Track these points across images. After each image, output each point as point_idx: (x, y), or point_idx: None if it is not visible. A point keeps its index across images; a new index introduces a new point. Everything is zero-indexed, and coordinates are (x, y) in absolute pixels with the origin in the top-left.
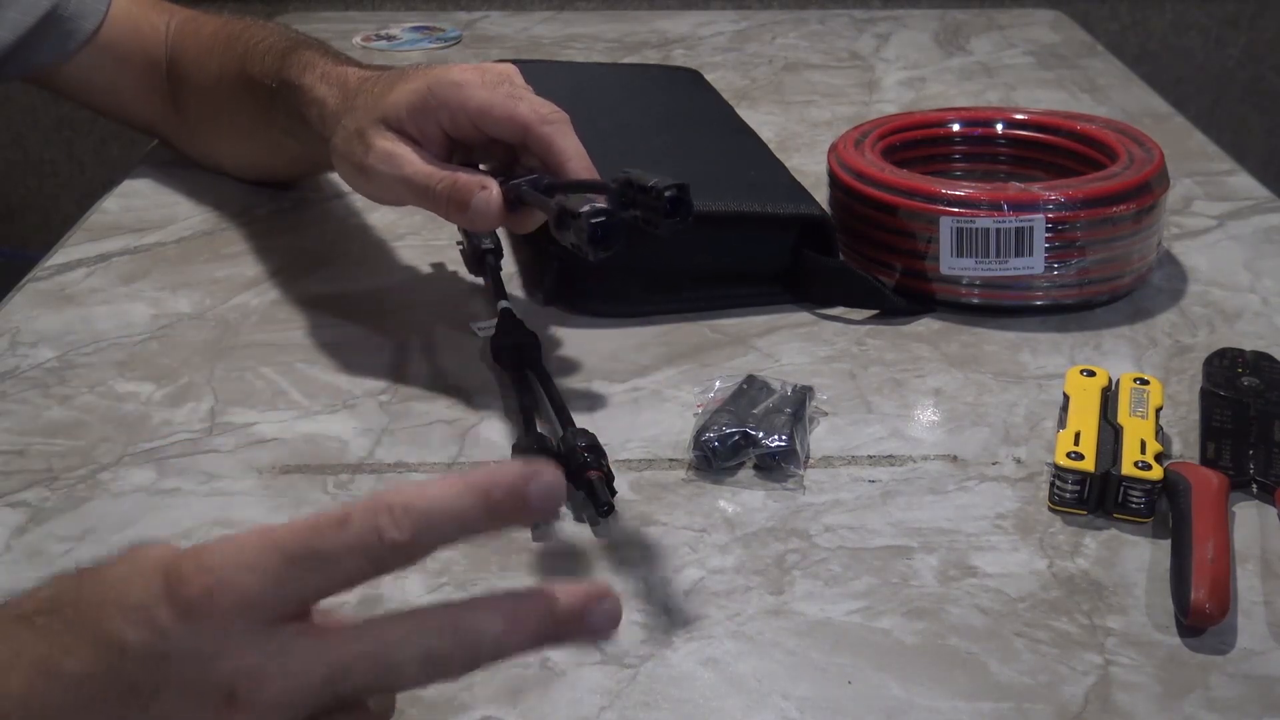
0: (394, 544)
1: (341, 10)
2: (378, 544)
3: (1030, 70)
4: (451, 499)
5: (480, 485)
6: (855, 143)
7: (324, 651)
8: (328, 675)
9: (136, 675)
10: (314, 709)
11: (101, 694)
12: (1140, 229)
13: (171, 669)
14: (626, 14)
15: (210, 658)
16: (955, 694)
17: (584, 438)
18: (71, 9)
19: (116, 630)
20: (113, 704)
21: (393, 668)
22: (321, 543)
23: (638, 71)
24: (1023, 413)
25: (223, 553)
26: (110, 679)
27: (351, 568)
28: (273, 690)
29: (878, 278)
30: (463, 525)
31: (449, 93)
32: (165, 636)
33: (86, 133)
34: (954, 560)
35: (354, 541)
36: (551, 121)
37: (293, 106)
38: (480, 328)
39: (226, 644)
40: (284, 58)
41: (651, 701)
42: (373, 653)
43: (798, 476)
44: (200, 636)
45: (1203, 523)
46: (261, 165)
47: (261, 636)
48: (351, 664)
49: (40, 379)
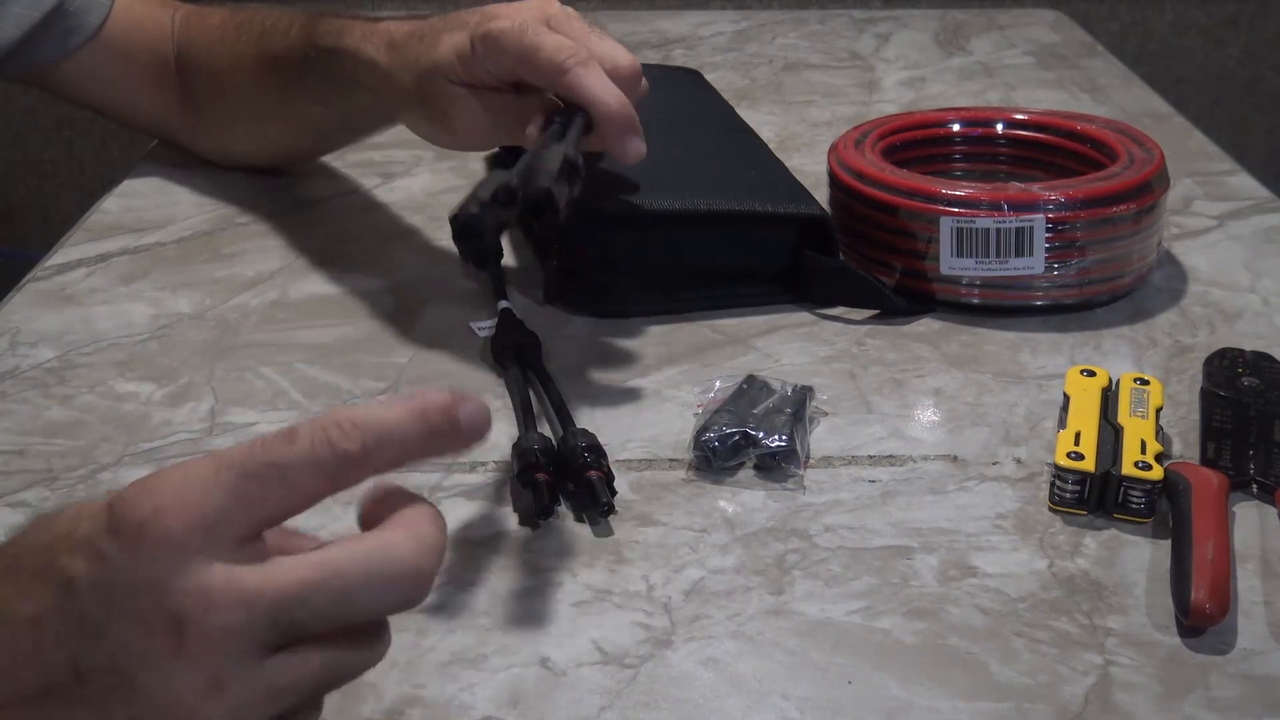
0: (346, 455)
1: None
2: (330, 455)
3: (1030, 70)
4: (394, 418)
5: (418, 408)
6: (855, 143)
7: (274, 575)
8: (279, 600)
9: (86, 608)
10: (269, 641)
11: (54, 633)
12: (1140, 229)
13: (120, 599)
14: (626, 14)
15: (157, 584)
16: (955, 694)
17: (584, 438)
18: (76, 4)
19: (64, 565)
20: (66, 641)
21: (348, 594)
22: (274, 456)
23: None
24: (1023, 413)
25: (169, 477)
26: (61, 616)
27: (306, 482)
28: (223, 616)
29: (878, 278)
30: (405, 446)
31: (486, 46)
32: (111, 565)
33: (86, 133)
34: (954, 560)
35: (305, 453)
36: (567, 69)
37: (335, 72)
38: (480, 328)
39: (174, 569)
40: (310, 28)
41: (651, 701)
42: (322, 579)
43: (798, 476)
44: (146, 562)
45: (1203, 523)
46: (287, 145)
47: (210, 559)
48: (304, 591)
49: (40, 379)
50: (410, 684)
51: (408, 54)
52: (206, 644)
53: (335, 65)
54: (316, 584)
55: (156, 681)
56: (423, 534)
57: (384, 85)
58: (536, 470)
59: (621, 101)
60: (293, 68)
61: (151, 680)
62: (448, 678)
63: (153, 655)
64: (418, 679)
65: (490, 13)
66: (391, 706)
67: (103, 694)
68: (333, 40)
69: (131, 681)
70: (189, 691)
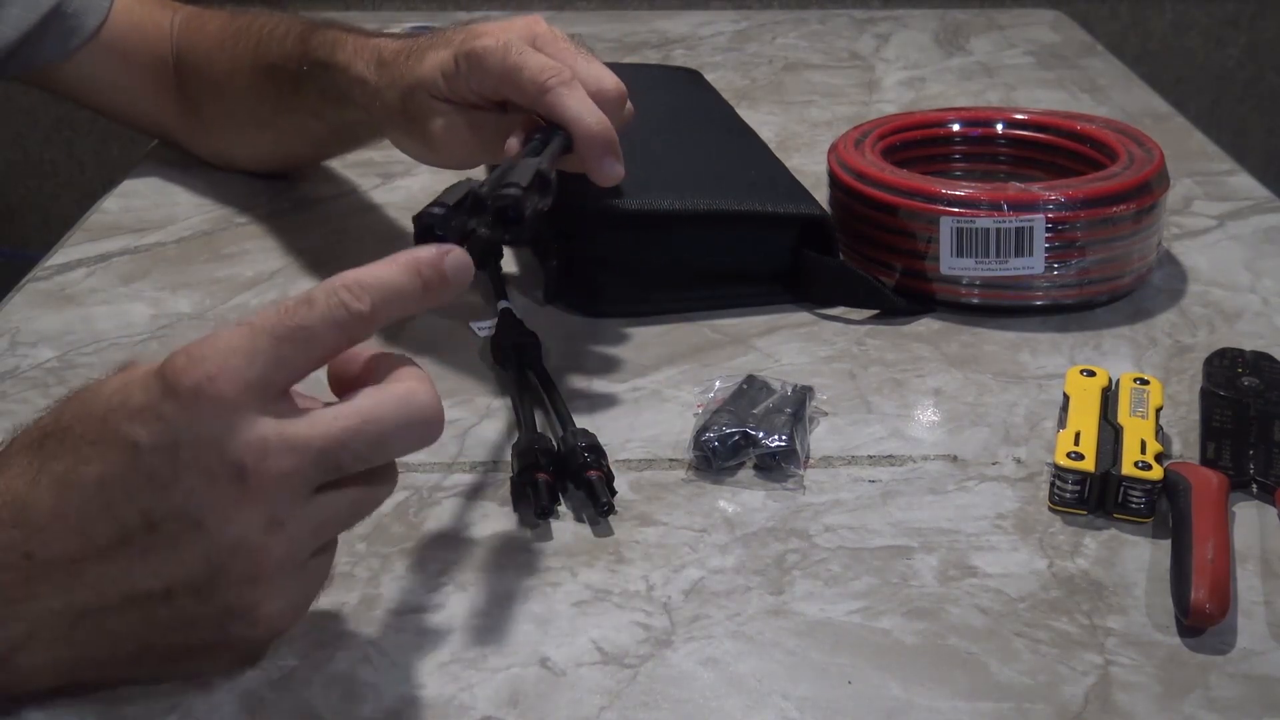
0: (359, 315)
1: (342, 10)
2: (345, 316)
3: (1030, 70)
4: (394, 275)
5: (411, 263)
6: (855, 143)
7: (318, 424)
8: (325, 447)
9: (153, 466)
10: (316, 481)
11: (124, 491)
12: (1140, 229)
13: (184, 455)
14: (626, 14)
15: (217, 440)
16: (955, 694)
17: (584, 438)
18: (74, 6)
19: (127, 432)
20: (136, 497)
21: (384, 436)
22: (300, 320)
23: (638, 71)
24: (1023, 413)
25: (213, 344)
26: (129, 475)
27: (328, 340)
28: (278, 462)
29: (878, 278)
30: (405, 300)
31: (470, 63)
32: (173, 427)
33: (86, 133)
34: (954, 560)
35: (326, 315)
36: (549, 89)
37: (326, 86)
38: (480, 327)
39: (230, 425)
40: (305, 40)
41: (651, 701)
42: (361, 425)
43: (798, 476)
44: (205, 422)
45: (1203, 523)
46: (283, 152)
47: (261, 415)
48: (345, 437)
49: (40, 379)
50: (410, 684)
51: (395, 71)
52: (265, 488)
53: (328, 79)
54: (357, 430)
55: (223, 524)
56: (429, 383)
57: (372, 102)
58: (536, 470)
59: (602, 123)
60: (288, 78)
61: (218, 523)
62: (448, 678)
63: (218, 502)
64: (418, 679)
65: (475, 31)
66: (391, 706)
67: (174, 539)
68: (326, 54)
69: (200, 525)
70: (253, 529)
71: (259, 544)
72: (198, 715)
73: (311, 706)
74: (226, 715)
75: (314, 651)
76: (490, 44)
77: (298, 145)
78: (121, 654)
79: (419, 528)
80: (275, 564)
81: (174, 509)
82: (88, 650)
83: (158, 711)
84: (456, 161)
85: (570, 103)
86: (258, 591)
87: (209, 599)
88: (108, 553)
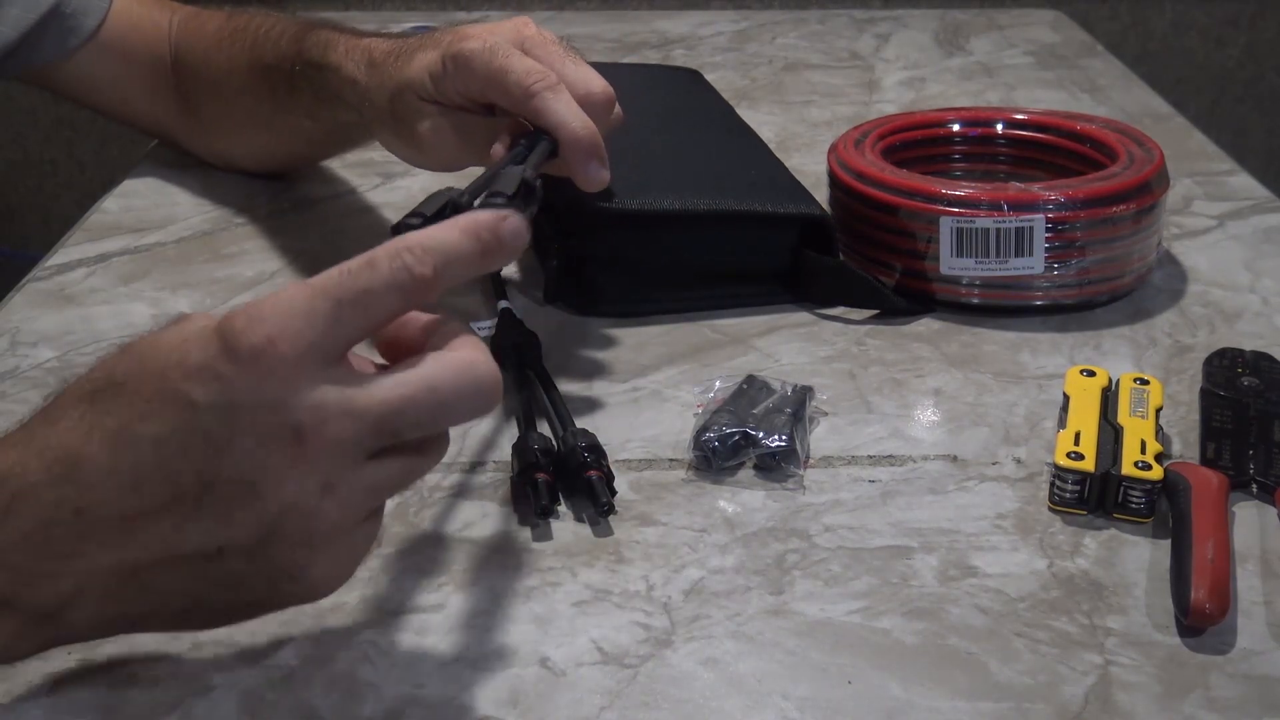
0: (422, 279)
1: (342, 10)
2: (409, 279)
3: (1030, 70)
4: (455, 240)
5: (471, 228)
6: (855, 143)
7: (378, 390)
8: (384, 414)
9: (210, 426)
10: (372, 447)
11: (180, 450)
12: (1140, 229)
13: (241, 417)
14: (626, 14)
15: (276, 402)
16: (955, 694)
17: (584, 438)
18: (73, 6)
19: (185, 390)
20: (192, 456)
21: (444, 405)
22: (363, 283)
23: (637, 71)
24: (1023, 413)
25: (273, 305)
26: (186, 435)
27: (389, 303)
28: (335, 427)
29: (878, 278)
30: (466, 263)
31: (456, 65)
32: (231, 388)
33: (86, 133)
34: (954, 560)
35: (389, 279)
36: (534, 93)
37: (320, 87)
38: (480, 327)
39: (289, 388)
40: (300, 40)
41: (651, 701)
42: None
43: (798, 476)
44: (264, 383)
45: (1203, 523)
46: (281, 153)
47: (320, 379)
48: (405, 405)
49: (40, 379)
50: (410, 684)
51: (384, 72)
52: (321, 452)
53: (321, 80)
54: (417, 399)
55: (277, 487)
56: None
57: (363, 102)
58: (536, 470)
59: (588, 127)
60: (283, 79)
61: (273, 486)
62: (448, 678)
63: (274, 464)
64: (418, 679)
65: (464, 33)
66: (391, 706)
67: (228, 501)
68: (318, 55)
69: (254, 488)
70: (307, 493)
71: (312, 508)
72: (198, 715)
73: (311, 706)
74: (226, 715)
75: (314, 651)
76: (476, 46)
77: (294, 145)
78: (169, 610)
79: (419, 528)
80: (327, 528)
81: (229, 470)
82: (136, 606)
83: (158, 711)
84: (443, 164)
85: (556, 107)
86: (309, 554)
87: (260, 560)
88: (160, 512)
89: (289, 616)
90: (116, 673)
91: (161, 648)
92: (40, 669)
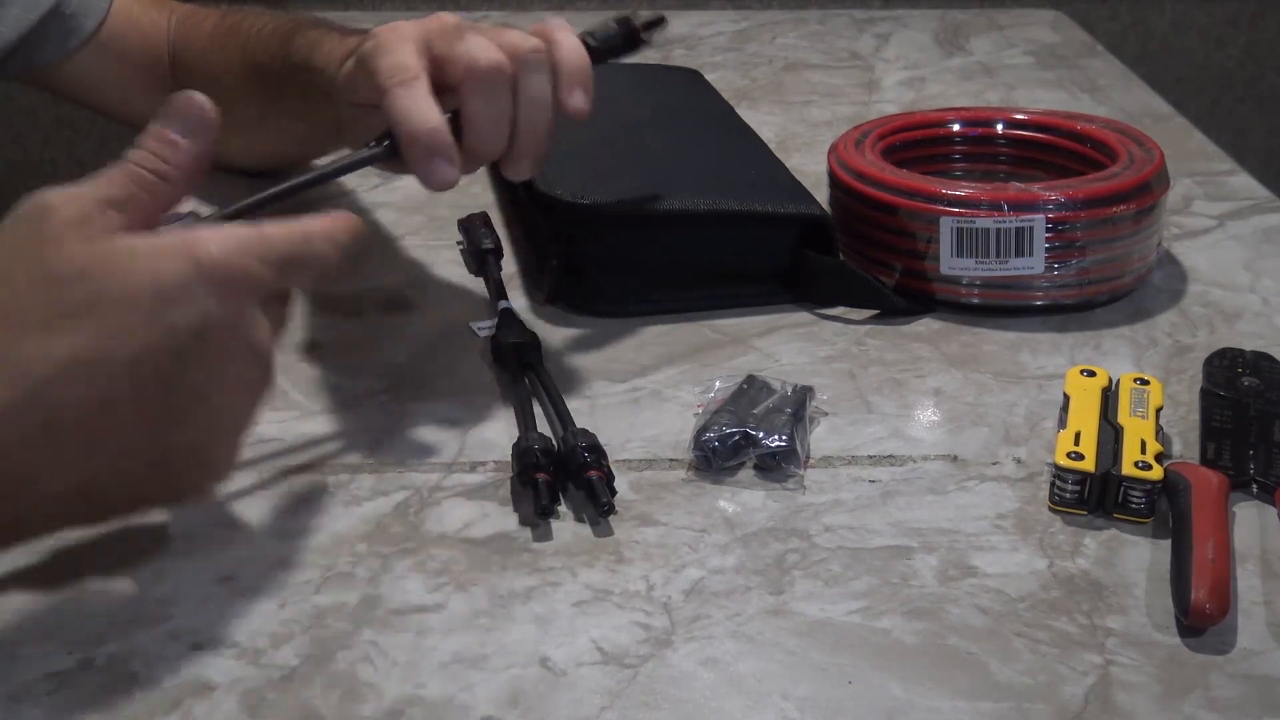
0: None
1: (342, 10)
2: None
3: (1030, 70)
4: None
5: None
6: (855, 143)
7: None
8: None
9: (181, 346)
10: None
11: (153, 367)
12: (1140, 229)
13: (210, 337)
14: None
15: (238, 325)
16: (955, 694)
17: (584, 438)
18: (73, 6)
19: (161, 315)
20: (163, 373)
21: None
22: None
23: (637, 71)
24: (1023, 413)
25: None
26: (159, 353)
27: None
28: (273, 340)
29: (878, 278)
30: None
31: (358, 66)
32: (206, 313)
33: (86, 133)
34: (954, 560)
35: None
36: (386, 90)
37: (307, 88)
38: (480, 328)
39: (251, 313)
40: (288, 41)
41: (651, 701)
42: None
43: (798, 476)
44: (231, 310)
45: (1203, 523)
46: (275, 153)
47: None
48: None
49: None
50: (410, 684)
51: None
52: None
53: (307, 81)
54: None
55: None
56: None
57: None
58: (536, 470)
59: (426, 124)
60: (274, 79)
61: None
62: (448, 678)
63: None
64: (418, 679)
65: (374, 31)
66: (391, 706)
67: (185, 409)
68: (304, 56)
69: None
70: (249, 398)
71: (249, 413)
72: (198, 715)
73: (311, 706)
74: (226, 715)
75: (314, 651)
76: (370, 45)
77: (286, 145)
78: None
79: (419, 528)
80: (249, 424)
81: (191, 381)
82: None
83: (158, 711)
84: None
85: (398, 103)
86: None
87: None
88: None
89: (291, 615)
90: (116, 673)
91: (162, 648)
92: (40, 669)
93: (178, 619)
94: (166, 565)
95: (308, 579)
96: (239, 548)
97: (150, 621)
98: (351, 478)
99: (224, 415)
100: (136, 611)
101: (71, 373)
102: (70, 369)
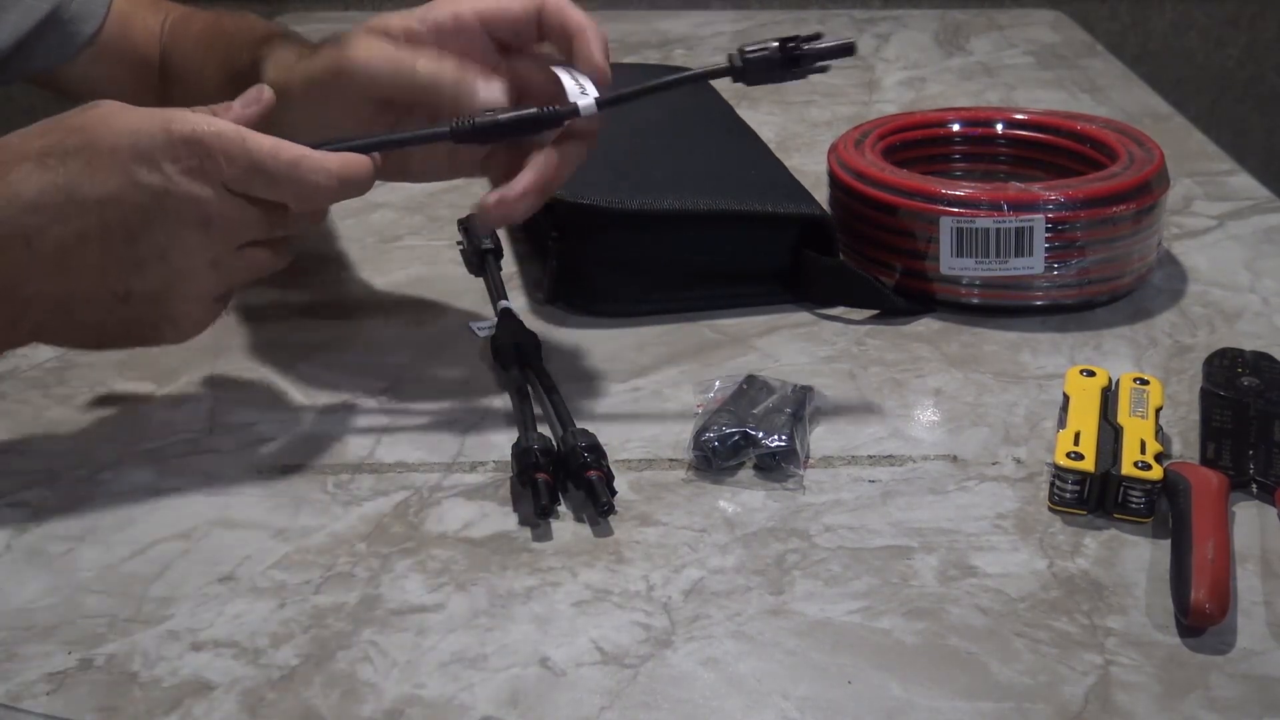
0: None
1: (341, 10)
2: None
3: (1030, 70)
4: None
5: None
6: (855, 143)
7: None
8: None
9: (144, 202)
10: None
11: (117, 214)
12: (1140, 229)
13: (170, 203)
14: (626, 14)
15: (199, 200)
16: (955, 694)
17: (584, 438)
18: (72, 11)
19: (131, 170)
20: (125, 220)
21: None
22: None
23: (638, 71)
24: (1023, 413)
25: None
26: (123, 204)
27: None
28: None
29: (878, 278)
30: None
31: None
32: (170, 180)
33: None
34: (954, 560)
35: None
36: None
37: None
38: (480, 328)
39: (213, 195)
40: (257, 49)
41: (651, 701)
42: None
43: (798, 476)
44: (193, 185)
45: (1203, 523)
46: None
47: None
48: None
49: (40, 379)
50: (410, 684)
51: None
52: (219, 239)
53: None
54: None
55: (183, 256)
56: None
57: None
58: (536, 470)
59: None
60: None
61: (179, 255)
62: (448, 678)
63: (185, 240)
64: (418, 679)
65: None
66: (391, 706)
67: (145, 258)
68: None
69: (166, 254)
70: (202, 265)
71: (202, 276)
72: (198, 715)
73: (311, 706)
74: (226, 715)
75: (314, 651)
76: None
77: None
78: (77, 336)
79: (419, 528)
80: (205, 291)
81: (151, 237)
82: (55, 331)
83: (158, 711)
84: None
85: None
86: (189, 307)
87: (156, 305)
88: (93, 250)
89: (291, 615)
90: (116, 673)
91: (162, 648)
92: (40, 669)
93: (178, 619)
94: (166, 565)
95: (308, 579)
96: (239, 548)
97: (150, 621)
98: (351, 478)
99: (182, 278)
100: (136, 611)
101: (49, 199)
102: (48, 195)
